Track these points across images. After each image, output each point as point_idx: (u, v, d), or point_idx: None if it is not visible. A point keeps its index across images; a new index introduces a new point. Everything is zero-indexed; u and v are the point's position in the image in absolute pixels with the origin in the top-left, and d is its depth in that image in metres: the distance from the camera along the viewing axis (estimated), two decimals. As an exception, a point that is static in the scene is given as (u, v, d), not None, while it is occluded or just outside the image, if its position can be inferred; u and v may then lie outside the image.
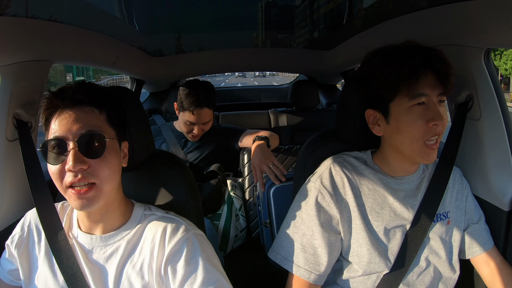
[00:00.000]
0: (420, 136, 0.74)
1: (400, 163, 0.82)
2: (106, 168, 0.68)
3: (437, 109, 0.73)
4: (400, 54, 0.75)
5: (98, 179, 0.67)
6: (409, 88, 0.73)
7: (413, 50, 0.75)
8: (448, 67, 0.73)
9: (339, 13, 1.66)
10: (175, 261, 0.70)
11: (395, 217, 0.82)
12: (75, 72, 14.44)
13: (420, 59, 0.73)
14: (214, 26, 1.88)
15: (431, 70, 0.73)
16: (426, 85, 0.73)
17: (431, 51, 0.74)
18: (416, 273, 0.82)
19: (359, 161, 0.86)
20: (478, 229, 0.88)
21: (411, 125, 0.74)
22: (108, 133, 0.71)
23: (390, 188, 0.83)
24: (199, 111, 1.58)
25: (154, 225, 0.75)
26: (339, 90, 2.90)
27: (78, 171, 0.65)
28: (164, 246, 0.71)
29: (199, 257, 0.70)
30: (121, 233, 0.75)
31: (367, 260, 0.80)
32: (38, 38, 0.95)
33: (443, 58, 0.74)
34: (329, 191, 0.81)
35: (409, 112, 0.74)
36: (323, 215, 0.81)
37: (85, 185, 0.66)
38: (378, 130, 0.82)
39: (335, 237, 0.82)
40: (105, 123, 0.71)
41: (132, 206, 0.79)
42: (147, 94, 2.64)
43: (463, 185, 0.89)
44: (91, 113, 0.69)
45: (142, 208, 0.79)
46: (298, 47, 2.17)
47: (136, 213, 0.78)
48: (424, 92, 0.73)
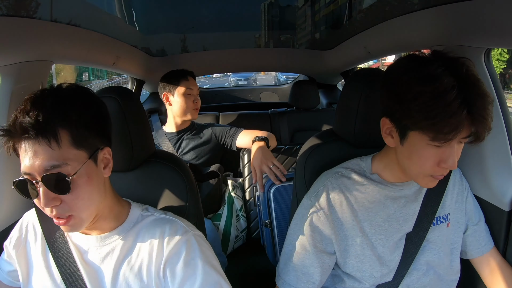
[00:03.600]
0: (427, 172, 0.70)
1: (402, 172, 0.79)
2: (79, 200, 0.63)
3: (453, 153, 0.66)
4: (441, 92, 0.62)
5: (74, 211, 0.64)
6: (433, 130, 0.64)
7: (458, 88, 0.62)
8: (487, 115, 0.63)
9: (340, 13, 1.66)
10: (174, 263, 0.69)
11: (397, 227, 0.81)
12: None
13: (461, 110, 0.61)
14: (216, 26, 1.88)
15: (468, 112, 0.62)
16: (454, 128, 0.62)
17: (479, 95, 0.62)
18: (416, 276, 0.82)
19: (357, 173, 0.83)
20: (478, 230, 0.88)
21: (422, 160, 0.69)
22: (75, 159, 0.62)
23: (391, 197, 0.81)
24: (190, 78, 1.69)
25: (152, 227, 0.74)
26: (339, 90, 2.90)
27: (51, 208, 0.62)
28: (163, 248, 0.70)
29: (198, 259, 0.69)
30: (117, 234, 0.73)
31: (369, 274, 0.80)
32: (38, 38, 0.95)
33: (484, 99, 0.62)
34: (325, 211, 0.80)
35: (424, 149, 0.68)
36: (318, 235, 0.80)
37: (63, 217, 0.63)
38: (390, 142, 0.76)
39: (329, 257, 0.81)
40: (69, 148, 0.62)
41: (129, 207, 0.78)
42: (147, 94, 2.64)
43: (463, 186, 0.89)
44: (47, 144, 0.59)
45: (140, 209, 0.78)
46: (299, 48, 2.17)
47: (133, 214, 0.76)
48: (449, 138, 0.64)
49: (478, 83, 0.64)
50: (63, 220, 0.63)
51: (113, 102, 0.83)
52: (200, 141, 1.68)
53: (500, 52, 14.65)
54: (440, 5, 0.90)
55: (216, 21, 1.83)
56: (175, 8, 1.66)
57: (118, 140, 0.84)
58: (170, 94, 1.66)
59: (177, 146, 1.68)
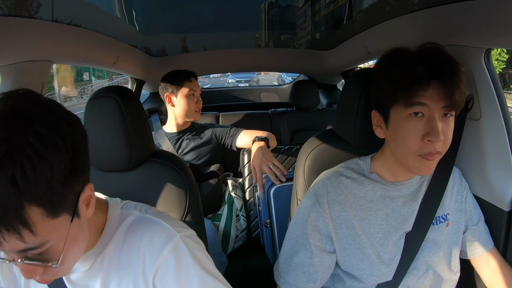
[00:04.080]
0: (413, 150, 0.70)
1: (399, 167, 0.80)
2: (65, 263, 0.53)
3: (435, 124, 0.68)
4: (406, 60, 0.70)
5: (60, 273, 0.56)
6: (406, 96, 0.69)
7: (423, 57, 0.69)
8: (459, 81, 0.67)
9: (340, 13, 1.66)
10: (164, 277, 0.62)
11: (396, 226, 0.81)
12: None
13: (424, 70, 0.68)
14: (216, 26, 1.89)
15: (439, 80, 0.67)
16: (427, 96, 0.68)
17: (445, 62, 0.68)
18: (415, 276, 0.82)
19: (356, 172, 0.84)
20: (478, 230, 0.88)
21: (406, 137, 0.70)
22: (56, 229, 0.49)
23: (389, 197, 0.81)
24: (192, 79, 1.69)
25: (132, 234, 0.64)
26: (339, 90, 2.90)
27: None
28: (150, 260, 0.62)
29: (191, 267, 0.62)
30: (97, 250, 0.64)
31: (369, 273, 0.80)
32: (38, 38, 0.96)
33: (456, 71, 0.68)
34: (324, 209, 0.80)
35: (405, 122, 0.70)
36: (318, 234, 0.80)
37: (49, 280, 0.55)
38: (380, 133, 0.80)
39: (329, 256, 0.81)
40: (45, 222, 0.46)
41: (107, 209, 0.67)
42: (147, 94, 2.64)
43: (462, 186, 0.89)
44: (16, 238, 0.44)
45: (118, 207, 0.68)
46: (299, 47, 2.18)
47: (112, 216, 0.66)
48: (422, 102, 0.68)
49: (444, 55, 0.69)
50: (47, 281, 0.55)
51: (113, 102, 0.83)
52: (200, 142, 1.68)
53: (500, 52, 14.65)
54: (440, 5, 0.90)
55: (216, 21, 1.83)
56: (175, 8, 1.66)
57: (118, 140, 0.85)
58: (173, 95, 1.66)
59: (177, 146, 1.68)
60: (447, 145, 0.71)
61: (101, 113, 0.85)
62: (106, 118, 0.84)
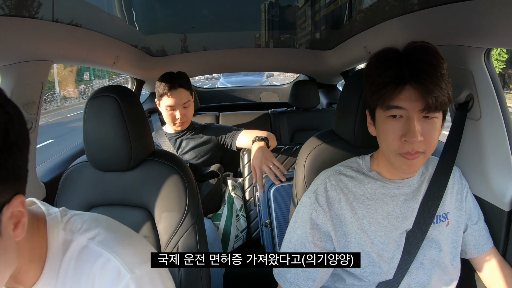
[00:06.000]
0: (393, 149, 0.72)
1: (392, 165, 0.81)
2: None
3: (412, 125, 0.68)
4: (383, 62, 0.71)
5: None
6: (383, 100, 0.70)
7: (405, 58, 0.69)
8: (439, 81, 0.67)
9: (340, 13, 1.66)
10: None
11: (397, 224, 0.81)
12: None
13: (395, 72, 0.68)
14: (216, 26, 1.89)
15: (416, 83, 0.67)
16: (402, 99, 0.68)
17: (424, 62, 0.68)
18: (416, 275, 0.82)
19: (356, 171, 0.84)
20: (478, 229, 0.88)
21: (386, 136, 0.72)
22: None
23: (389, 195, 0.82)
24: (174, 92, 1.58)
25: (80, 273, 0.52)
26: (339, 90, 2.90)
27: None
28: None
29: None
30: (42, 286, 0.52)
31: (370, 271, 0.80)
32: (38, 38, 0.96)
33: (434, 71, 0.67)
34: (323, 208, 0.80)
35: (384, 123, 0.72)
36: (317, 232, 0.81)
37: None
38: (372, 130, 0.81)
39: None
40: None
41: (44, 242, 0.52)
42: (147, 94, 2.64)
43: (462, 185, 0.89)
44: None
45: (60, 229, 0.54)
46: (299, 47, 2.18)
47: (53, 242, 0.53)
48: (398, 105, 0.69)
49: (426, 55, 0.69)
50: None
51: (112, 102, 0.83)
52: (200, 141, 1.68)
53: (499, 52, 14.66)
54: (440, 5, 0.90)
55: (216, 21, 1.83)
56: (175, 8, 1.66)
57: (118, 139, 0.85)
58: (158, 102, 1.65)
59: (177, 146, 1.68)
60: (431, 146, 0.71)
61: (101, 113, 0.85)
62: (105, 117, 0.84)
